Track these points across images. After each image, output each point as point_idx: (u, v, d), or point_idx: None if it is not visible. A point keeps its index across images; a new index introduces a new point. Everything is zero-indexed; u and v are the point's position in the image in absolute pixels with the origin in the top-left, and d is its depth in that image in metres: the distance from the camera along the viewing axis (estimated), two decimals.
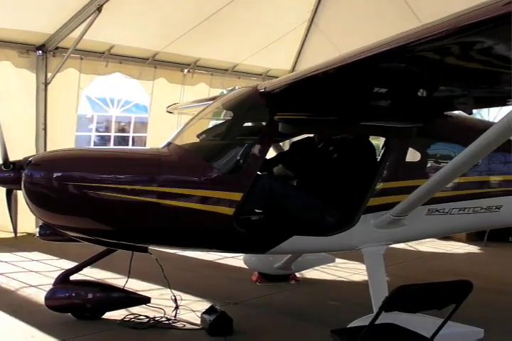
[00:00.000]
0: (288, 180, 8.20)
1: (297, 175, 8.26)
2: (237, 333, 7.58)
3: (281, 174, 8.27)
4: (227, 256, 11.93)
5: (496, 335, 7.45)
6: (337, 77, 6.16)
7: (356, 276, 11.04)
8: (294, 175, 8.28)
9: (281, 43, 17.31)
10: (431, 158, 8.03)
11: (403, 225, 7.47)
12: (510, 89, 6.35)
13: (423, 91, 6.61)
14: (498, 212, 8.20)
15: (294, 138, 9.11)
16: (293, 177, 8.30)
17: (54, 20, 13.37)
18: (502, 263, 13.50)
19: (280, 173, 8.29)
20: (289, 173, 8.27)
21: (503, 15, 3.81)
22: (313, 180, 7.82)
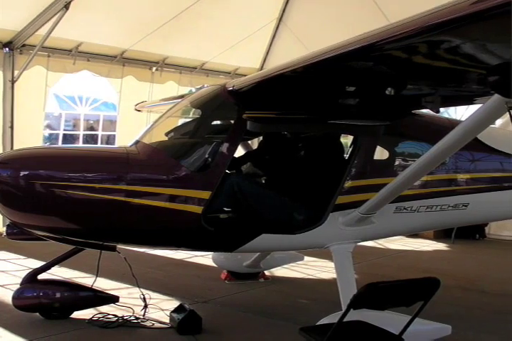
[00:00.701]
0: (257, 178, 8.20)
1: (266, 173, 8.27)
2: (206, 331, 7.57)
3: (249, 172, 8.27)
4: (197, 255, 11.90)
5: (463, 332, 7.55)
6: (305, 76, 6.17)
7: (325, 274, 11.07)
8: (262, 173, 8.29)
9: (250, 41, 17.28)
10: (399, 157, 8.08)
11: (371, 223, 7.52)
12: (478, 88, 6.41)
13: (391, 90, 6.63)
14: (465, 209, 8.27)
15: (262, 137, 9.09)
16: (262, 176, 8.31)
17: (21, 17, 13.22)
18: (469, 260, 13.63)
19: (249, 171, 8.29)
20: (257, 171, 8.27)
21: (470, 15, 3.83)
22: (281, 178, 7.83)
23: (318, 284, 10.58)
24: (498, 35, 4.27)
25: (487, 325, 8.40)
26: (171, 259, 11.86)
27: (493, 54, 4.74)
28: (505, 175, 8.59)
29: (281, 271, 11.05)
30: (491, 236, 16.48)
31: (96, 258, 7.82)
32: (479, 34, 4.28)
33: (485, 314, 8.98)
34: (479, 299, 9.88)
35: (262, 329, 7.86)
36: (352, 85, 6.70)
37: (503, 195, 8.59)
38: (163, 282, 9.99)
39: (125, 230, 7.07)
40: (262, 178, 8.36)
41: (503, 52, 4.61)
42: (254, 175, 8.25)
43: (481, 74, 5.19)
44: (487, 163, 8.60)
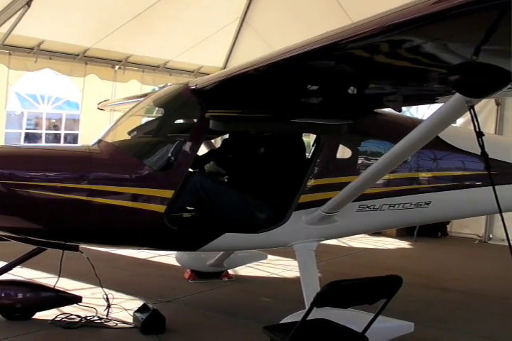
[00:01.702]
0: (219, 177, 8.19)
1: (229, 172, 8.26)
2: (170, 331, 7.55)
3: (212, 171, 8.26)
4: (160, 254, 11.84)
5: (425, 329, 7.61)
6: (268, 74, 6.17)
7: (288, 273, 11.09)
8: (225, 172, 8.29)
9: (213, 40, 17.24)
10: (361, 155, 8.12)
11: (334, 221, 7.55)
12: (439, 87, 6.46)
13: (353, 89, 6.67)
14: (427, 207, 8.33)
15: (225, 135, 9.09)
16: (225, 175, 8.30)
17: None
18: (431, 258, 13.76)
19: (212, 170, 8.28)
20: (220, 170, 8.27)
21: (431, 15, 3.85)
22: (244, 177, 7.83)
23: (281, 283, 10.60)
24: (459, 35, 4.31)
25: (448, 321, 8.50)
26: (134, 259, 11.80)
27: (454, 53, 4.78)
28: (467, 174, 8.66)
29: (244, 270, 11.04)
30: (452, 234, 16.62)
31: (58, 258, 7.77)
32: (440, 34, 4.31)
33: (446, 311, 9.08)
34: (441, 296, 9.99)
35: (225, 328, 7.87)
36: (315, 84, 6.72)
37: (465, 193, 8.67)
38: (126, 282, 9.93)
39: (87, 230, 7.02)
40: (225, 177, 8.35)
41: (464, 52, 4.66)
42: (218, 174, 8.25)
43: (443, 74, 5.23)
44: (449, 162, 8.67)
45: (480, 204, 8.67)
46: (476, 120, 5.15)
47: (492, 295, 10.13)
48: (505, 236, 5.24)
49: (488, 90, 5.07)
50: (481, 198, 8.28)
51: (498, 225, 15.04)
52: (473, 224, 16.00)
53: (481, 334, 8.04)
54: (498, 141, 10.38)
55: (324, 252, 10.76)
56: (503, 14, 3.63)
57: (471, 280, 11.36)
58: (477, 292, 10.39)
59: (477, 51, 4.47)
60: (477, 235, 16.26)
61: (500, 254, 8.07)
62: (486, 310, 9.24)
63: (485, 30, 3.97)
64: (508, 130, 15.89)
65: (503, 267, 6.35)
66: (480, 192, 8.46)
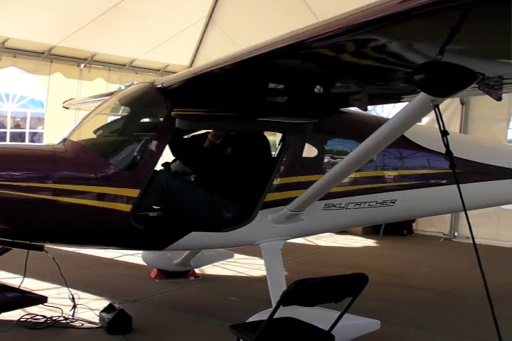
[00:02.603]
0: (186, 176, 8.17)
1: (195, 171, 8.25)
2: (137, 331, 7.52)
3: (179, 170, 8.24)
4: (126, 254, 11.80)
5: (391, 326, 7.66)
6: (234, 73, 6.18)
7: (255, 271, 11.11)
8: (192, 171, 8.27)
9: (179, 39, 17.19)
10: (327, 154, 8.16)
11: (300, 220, 7.57)
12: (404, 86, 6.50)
13: (319, 88, 6.68)
14: (393, 206, 8.39)
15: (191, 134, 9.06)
16: (191, 174, 8.28)
17: None
18: (397, 256, 13.84)
19: (178, 169, 8.25)
20: (186, 169, 8.24)
21: (396, 14, 3.87)
22: (211, 176, 7.82)
23: (248, 281, 10.61)
24: (424, 35, 4.34)
25: (414, 319, 8.56)
26: (101, 258, 11.73)
27: (419, 53, 4.80)
28: (432, 172, 8.72)
29: (211, 269, 11.03)
30: (418, 232, 16.77)
31: (23, 258, 7.69)
32: (405, 33, 4.33)
33: (412, 308, 9.15)
34: (406, 294, 10.05)
35: (192, 327, 7.85)
36: (280, 83, 6.73)
37: (430, 191, 8.73)
38: (92, 281, 9.87)
39: (53, 229, 6.97)
40: (191, 176, 8.33)
41: (429, 51, 4.69)
42: (184, 173, 8.23)
43: (408, 73, 5.25)
44: (414, 161, 8.73)
45: (445, 203, 8.74)
46: (441, 119, 5.19)
47: (457, 293, 10.22)
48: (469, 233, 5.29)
49: (453, 89, 5.12)
50: (446, 196, 8.33)
51: (463, 223, 15.26)
52: (438, 222, 16.15)
53: (447, 331, 8.12)
54: (463, 140, 10.48)
55: (290, 251, 10.77)
56: (466, 14, 3.65)
57: (436, 277, 11.46)
58: (442, 289, 10.48)
59: (442, 51, 4.50)
60: (442, 233, 16.41)
61: (465, 252, 8.17)
62: (452, 307, 9.34)
63: (449, 30, 4.00)
64: (472, 129, 16.06)
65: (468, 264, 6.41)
66: (445, 190, 8.52)
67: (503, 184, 9.42)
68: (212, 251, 10.34)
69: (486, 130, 15.68)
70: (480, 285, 5.09)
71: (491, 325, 5.07)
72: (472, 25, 3.87)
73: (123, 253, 11.88)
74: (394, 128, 5.93)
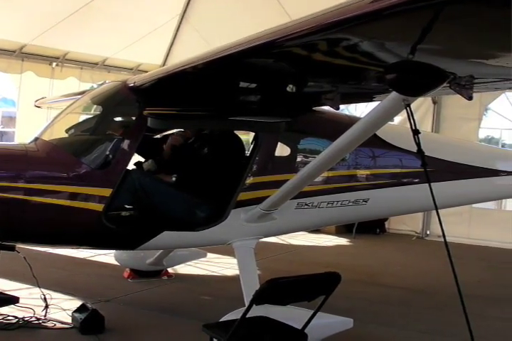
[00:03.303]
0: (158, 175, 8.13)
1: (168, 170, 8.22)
2: (109, 331, 7.49)
3: (151, 169, 8.20)
4: (99, 253, 11.74)
5: (364, 324, 7.68)
6: (206, 72, 6.17)
7: (228, 271, 11.10)
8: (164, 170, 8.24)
9: (152, 38, 17.13)
10: (300, 153, 8.17)
11: (273, 219, 7.58)
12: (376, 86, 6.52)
13: (292, 87, 6.70)
14: (365, 205, 8.42)
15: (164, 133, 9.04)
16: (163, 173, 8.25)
17: None
18: (370, 254, 13.91)
19: (150, 168, 8.22)
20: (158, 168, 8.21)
21: (368, 13, 3.88)
22: (183, 175, 7.80)
23: (221, 281, 10.60)
24: (395, 34, 4.36)
25: (387, 317, 8.61)
26: (73, 258, 11.65)
27: (391, 52, 4.83)
28: (404, 171, 8.77)
29: (184, 268, 11.01)
30: (390, 231, 16.87)
31: None
32: (377, 32, 4.34)
33: (384, 307, 9.20)
34: (379, 292, 10.10)
35: (165, 327, 7.83)
36: (253, 82, 6.74)
37: (402, 190, 8.78)
38: (64, 281, 9.80)
39: (24, 229, 6.92)
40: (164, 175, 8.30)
41: (400, 51, 4.70)
42: (156, 172, 8.20)
43: (380, 72, 5.27)
44: (386, 159, 8.77)
45: (417, 201, 8.80)
46: (413, 118, 5.21)
47: (429, 291, 10.30)
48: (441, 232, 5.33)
49: (424, 89, 5.14)
50: (418, 195, 8.39)
51: (435, 221, 15.23)
52: (410, 221, 16.26)
53: (419, 329, 8.17)
54: (435, 139, 10.54)
55: (263, 250, 10.79)
56: (438, 14, 3.67)
57: (408, 276, 11.53)
58: (415, 287, 10.55)
59: (413, 50, 4.52)
60: (415, 231, 16.52)
61: (437, 250, 8.21)
62: (424, 305, 9.40)
63: (420, 30, 4.02)
64: (444, 128, 16.18)
65: (440, 263, 6.45)
66: (417, 189, 8.57)
67: (475, 183, 9.50)
68: (185, 250, 10.31)
69: (458, 129, 15.81)
70: (452, 284, 5.12)
71: (463, 323, 5.12)
72: (443, 25, 3.89)
73: (95, 252, 11.81)
74: (366, 127, 5.95)
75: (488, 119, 16.98)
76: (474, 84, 5.45)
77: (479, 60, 4.89)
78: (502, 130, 17.16)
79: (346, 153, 7.19)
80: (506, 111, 16.14)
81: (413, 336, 7.93)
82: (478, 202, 11.78)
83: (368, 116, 5.87)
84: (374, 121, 5.87)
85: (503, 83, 6.14)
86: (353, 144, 6.34)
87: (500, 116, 16.42)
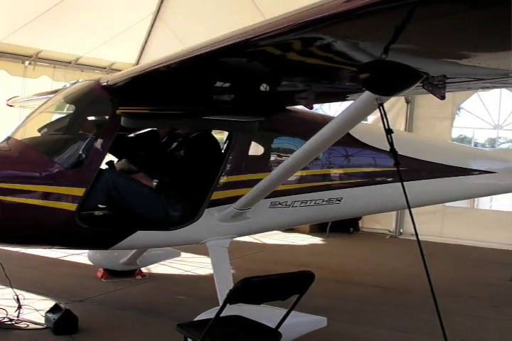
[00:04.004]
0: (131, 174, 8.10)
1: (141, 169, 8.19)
2: (83, 331, 7.45)
3: (124, 168, 8.17)
4: (72, 253, 11.67)
5: (338, 323, 7.71)
6: (180, 71, 6.15)
7: (202, 270, 11.09)
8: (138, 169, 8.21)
9: (125, 36, 17.06)
10: (273, 152, 8.17)
11: (247, 218, 7.59)
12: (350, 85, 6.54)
13: (266, 86, 6.70)
14: (339, 204, 8.45)
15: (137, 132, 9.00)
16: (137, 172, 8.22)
17: None
18: (343, 253, 13.97)
19: (124, 168, 8.19)
20: (132, 168, 8.18)
21: (342, 13, 3.88)
22: (157, 174, 7.77)
23: (195, 280, 10.59)
24: (369, 34, 4.37)
25: (360, 316, 8.65)
26: (46, 258, 11.58)
27: (365, 52, 4.83)
28: (378, 170, 8.81)
29: (158, 268, 10.98)
30: (364, 230, 16.95)
31: None
32: (351, 32, 4.35)
33: (358, 305, 9.24)
34: (353, 291, 10.14)
35: (139, 326, 7.81)
36: (227, 81, 6.73)
37: (376, 189, 8.82)
38: (37, 282, 9.75)
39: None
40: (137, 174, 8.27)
41: (374, 50, 4.72)
42: (129, 172, 8.16)
43: (353, 72, 5.29)
44: (360, 159, 8.81)
45: (390, 200, 8.84)
46: (386, 117, 5.24)
47: (403, 289, 10.35)
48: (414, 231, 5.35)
49: (397, 88, 5.16)
50: (391, 194, 8.44)
51: (408, 220, 15.35)
52: (384, 220, 16.35)
53: (393, 326, 8.21)
54: (408, 138, 10.60)
55: (237, 249, 10.80)
56: (412, 13, 3.69)
57: (382, 274, 11.59)
58: (388, 286, 10.60)
59: (386, 50, 4.53)
60: (388, 230, 16.62)
61: (410, 249, 8.26)
62: (398, 303, 9.45)
63: (394, 29, 4.03)
64: (417, 127, 16.29)
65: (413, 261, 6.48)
66: (390, 188, 8.62)
67: (448, 181, 9.56)
68: (158, 249, 10.28)
69: (431, 128, 15.94)
70: (425, 282, 5.16)
71: (436, 321, 5.15)
72: (416, 25, 3.90)
73: (68, 252, 11.76)
74: (339, 126, 5.96)
75: (460, 119, 17.10)
76: (447, 84, 5.48)
77: (452, 59, 4.92)
78: (474, 129, 17.28)
79: (320, 152, 7.21)
80: (479, 111, 16.29)
81: (387, 334, 7.96)
82: (451, 200, 11.87)
83: (342, 115, 5.89)
84: (347, 120, 5.89)
85: (476, 83, 6.18)
86: (326, 143, 6.36)
87: (473, 115, 16.57)
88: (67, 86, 14.09)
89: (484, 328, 8.42)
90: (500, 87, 11.65)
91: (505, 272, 11.69)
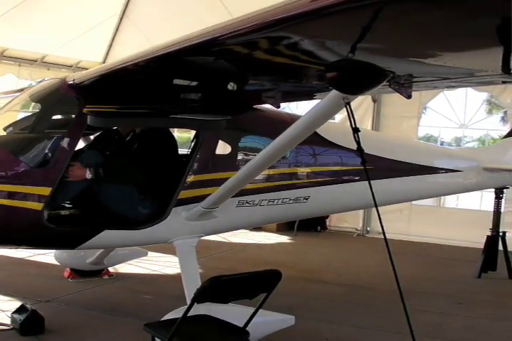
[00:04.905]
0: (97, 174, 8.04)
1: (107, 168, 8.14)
2: (50, 332, 7.42)
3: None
4: (38, 253, 11.59)
5: (306, 321, 7.74)
6: (147, 70, 6.13)
7: (169, 269, 11.06)
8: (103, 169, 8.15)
9: (92, 35, 16.98)
10: (241, 151, 8.16)
11: (214, 217, 7.57)
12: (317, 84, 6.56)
13: (233, 85, 6.70)
14: (306, 202, 8.47)
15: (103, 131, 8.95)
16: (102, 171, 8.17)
17: None
18: (311, 252, 14.02)
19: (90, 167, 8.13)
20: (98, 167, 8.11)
21: (309, 12, 3.88)
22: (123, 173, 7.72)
23: (162, 279, 10.57)
24: (336, 33, 4.38)
25: (328, 314, 8.69)
26: (11, 258, 11.46)
27: (332, 51, 4.85)
28: (344, 169, 8.84)
29: (125, 268, 10.94)
30: (332, 228, 17.02)
31: None
32: (317, 31, 4.36)
33: (325, 303, 9.28)
34: (320, 289, 10.18)
35: (107, 326, 7.79)
36: (194, 80, 6.72)
37: (343, 188, 8.85)
38: (3, 282, 9.66)
39: None
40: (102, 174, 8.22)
41: (341, 49, 4.73)
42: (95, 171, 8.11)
43: (320, 71, 5.30)
44: (327, 157, 8.83)
45: (358, 199, 8.87)
46: (352, 116, 5.27)
47: (370, 287, 10.42)
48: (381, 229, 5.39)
49: (363, 87, 5.19)
50: (358, 192, 8.44)
51: (376, 219, 15.51)
52: (351, 218, 16.44)
53: (361, 325, 8.27)
54: (375, 137, 10.66)
55: (205, 248, 10.78)
56: (378, 13, 3.70)
57: (349, 272, 11.65)
58: (355, 284, 10.66)
59: (353, 49, 4.55)
60: (355, 229, 16.72)
61: (377, 247, 8.30)
62: (365, 301, 9.52)
63: (360, 29, 4.05)
64: (384, 126, 16.40)
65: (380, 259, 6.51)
66: (357, 186, 8.65)
67: (414, 180, 9.63)
68: (125, 249, 10.23)
69: (398, 127, 16.06)
70: (392, 280, 5.19)
71: (403, 318, 5.19)
72: (382, 25, 3.92)
73: (34, 252, 11.66)
74: (306, 125, 5.97)
75: (427, 118, 17.22)
76: (413, 83, 5.53)
77: (418, 59, 4.95)
78: (441, 128, 17.42)
79: (287, 151, 7.22)
80: (445, 110, 16.42)
81: (354, 332, 8.01)
82: (417, 199, 11.98)
83: (309, 114, 5.90)
84: (314, 119, 5.90)
85: (442, 82, 6.23)
86: (293, 142, 6.37)
87: (439, 114, 16.70)
88: (33, 84, 14.00)
89: (450, 325, 8.51)
90: (466, 86, 11.77)
91: (470, 270, 11.80)
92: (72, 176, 7.03)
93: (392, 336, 7.70)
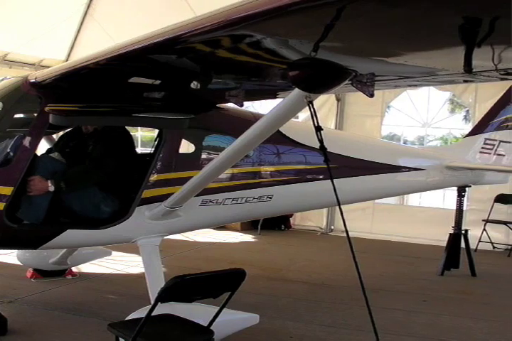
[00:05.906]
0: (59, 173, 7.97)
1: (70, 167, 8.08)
2: (12, 333, 7.34)
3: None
4: (0, 253, 11.47)
5: (270, 320, 7.78)
6: (109, 68, 6.09)
7: (133, 269, 11.02)
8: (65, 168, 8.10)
9: (55, 32, 16.82)
10: (204, 150, 8.15)
11: (178, 216, 7.56)
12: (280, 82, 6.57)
13: (196, 84, 6.69)
14: (270, 201, 8.48)
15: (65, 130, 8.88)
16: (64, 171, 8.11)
17: None
18: (275, 250, 14.04)
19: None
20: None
21: (270, 10, 3.88)
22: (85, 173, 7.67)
23: (126, 279, 10.52)
24: (298, 31, 4.38)
25: (293, 312, 8.71)
26: None
27: (294, 49, 4.85)
28: (308, 168, 8.87)
29: (89, 267, 10.86)
30: (296, 227, 17.09)
31: None
32: (280, 29, 4.36)
33: (290, 302, 9.30)
34: (284, 287, 10.20)
35: (71, 327, 7.72)
36: (157, 78, 6.70)
37: (306, 186, 8.88)
38: None
39: None
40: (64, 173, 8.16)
41: (303, 48, 4.74)
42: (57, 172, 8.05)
43: (283, 69, 5.31)
44: (290, 156, 8.84)
45: (321, 197, 8.91)
46: (315, 115, 5.29)
47: (334, 285, 10.46)
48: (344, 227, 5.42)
49: (326, 86, 5.21)
50: (322, 191, 8.49)
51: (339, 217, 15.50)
52: (315, 217, 16.52)
53: (326, 322, 8.30)
54: (338, 136, 10.70)
55: (169, 247, 10.77)
56: (341, 11, 3.71)
57: (313, 271, 11.67)
58: (320, 282, 10.70)
59: (316, 47, 4.56)
60: (319, 227, 16.78)
61: (341, 245, 8.35)
62: (329, 299, 9.54)
63: (323, 27, 4.06)
64: (348, 125, 16.50)
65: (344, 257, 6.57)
66: (321, 185, 8.67)
67: (378, 178, 9.70)
68: (89, 249, 10.18)
69: (361, 126, 16.16)
70: (355, 278, 5.23)
71: (366, 316, 5.22)
72: (345, 24, 3.93)
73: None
74: (269, 123, 5.97)
75: (390, 116, 17.33)
76: (376, 82, 5.55)
77: (380, 58, 4.98)
78: (404, 127, 17.56)
79: (250, 149, 7.21)
80: (408, 109, 16.57)
81: (319, 330, 8.03)
82: (381, 197, 12.05)
83: (271, 112, 5.90)
84: (277, 117, 5.90)
85: (404, 81, 6.26)
86: (256, 141, 6.37)
87: (402, 113, 16.84)
88: None
89: (414, 322, 8.57)
90: (428, 85, 11.84)
91: (433, 267, 11.92)
92: (32, 190, 6.98)
93: (356, 334, 7.76)
